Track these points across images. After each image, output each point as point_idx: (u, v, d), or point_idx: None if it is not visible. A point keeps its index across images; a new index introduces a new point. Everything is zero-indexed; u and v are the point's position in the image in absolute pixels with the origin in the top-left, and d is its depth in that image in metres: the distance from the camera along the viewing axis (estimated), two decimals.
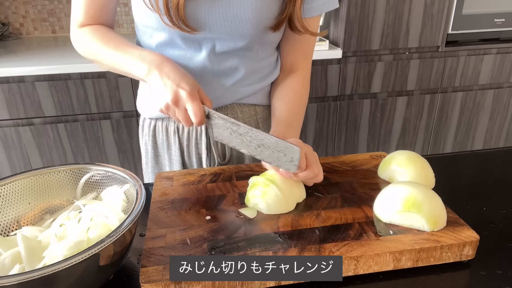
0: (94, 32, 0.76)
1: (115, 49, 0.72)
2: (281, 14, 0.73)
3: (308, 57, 0.86)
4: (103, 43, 0.74)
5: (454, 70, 1.98)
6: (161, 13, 0.68)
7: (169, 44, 0.76)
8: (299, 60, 0.85)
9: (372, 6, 1.77)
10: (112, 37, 0.75)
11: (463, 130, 2.15)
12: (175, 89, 0.64)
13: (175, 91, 0.64)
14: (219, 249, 0.55)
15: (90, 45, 0.75)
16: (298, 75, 0.85)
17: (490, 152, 0.94)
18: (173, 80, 0.65)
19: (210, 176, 0.75)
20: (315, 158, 0.67)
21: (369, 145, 2.08)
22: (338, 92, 1.91)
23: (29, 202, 0.62)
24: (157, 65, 0.67)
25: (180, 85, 0.65)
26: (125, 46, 0.72)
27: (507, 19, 1.92)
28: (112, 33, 0.76)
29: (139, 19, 0.76)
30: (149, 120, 0.88)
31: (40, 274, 0.42)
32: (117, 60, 0.72)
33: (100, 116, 1.74)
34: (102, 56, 0.74)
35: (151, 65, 0.67)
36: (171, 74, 0.66)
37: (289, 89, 0.84)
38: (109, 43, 0.74)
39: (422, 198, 0.58)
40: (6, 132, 1.68)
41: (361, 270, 0.55)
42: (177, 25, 0.69)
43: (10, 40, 2.07)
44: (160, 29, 0.73)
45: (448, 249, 0.55)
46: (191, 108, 0.64)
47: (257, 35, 0.75)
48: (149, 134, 0.89)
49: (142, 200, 0.54)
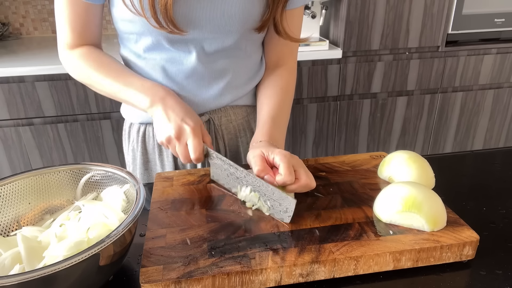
0: (88, 57, 0.73)
1: (114, 78, 0.71)
2: (265, 14, 0.73)
3: (294, 51, 0.86)
4: (100, 70, 0.72)
5: (454, 70, 1.98)
6: (147, 16, 0.66)
7: (156, 48, 0.74)
8: (285, 55, 0.85)
9: (372, 6, 1.77)
10: (107, 63, 0.73)
11: (463, 130, 2.16)
12: (179, 123, 0.65)
13: (179, 126, 0.65)
14: (219, 249, 0.55)
15: (85, 71, 0.73)
16: (284, 70, 0.84)
17: (490, 152, 0.94)
18: (178, 115, 0.66)
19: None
20: (304, 169, 0.64)
21: (369, 145, 2.08)
22: (338, 92, 1.91)
23: (29, 202, 0.62)
24: (161, 98, 0.67)
25: (184, 120, 0.65)
26: (124, 75, 0.72)
27: (507, 19, 1.92)
28: (105, 58, 0.75)
29: (122, 27, 0.74)
30: (138, 125, 0.85)
31: (40, 274, 0.42)
32: (117, 89, 0.71)
33: (100, 116, 1.74)
34: (99, 84, 0.73)
35: (155, 97, 0.67)
36: (176, 108, 0.66)
37: (276, 85, 0.83)
38: (107, 71, 0.72)
39: (422, 198, 0.58)
40: (6, 132, 1.68)
41: (361, 270, 0.55)
42: (164, 27, 0.67)
43: (10, 40, 2.07)
44: (146, 34, 0.72)
45: (448, 249, 0.55)
46: (191, 144, 0.64)
47: (244, 32, 0.75)
48: (137, 140, 0.86)
49: (142, 200, 0.54)
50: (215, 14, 0.70)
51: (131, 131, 0.88)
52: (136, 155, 0.88)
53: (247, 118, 0.88)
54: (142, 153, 0.87)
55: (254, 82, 0.85)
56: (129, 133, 0.88)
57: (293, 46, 0.85)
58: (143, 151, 0.87)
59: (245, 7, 0.71)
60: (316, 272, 0.53)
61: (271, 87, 0.83)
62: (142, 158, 0.87)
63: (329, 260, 0.53)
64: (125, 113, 0.88)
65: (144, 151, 0.87)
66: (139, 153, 0.87)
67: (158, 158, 0.86)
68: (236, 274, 0.51)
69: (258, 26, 0.74)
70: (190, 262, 0.53)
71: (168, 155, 0.85)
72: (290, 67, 0.85)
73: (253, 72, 0.85)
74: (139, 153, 0.87)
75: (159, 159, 0.86)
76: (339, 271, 0.54)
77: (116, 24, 0.75)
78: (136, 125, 0.86)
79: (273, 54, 0.85)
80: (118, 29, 0.77)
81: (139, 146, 0.86)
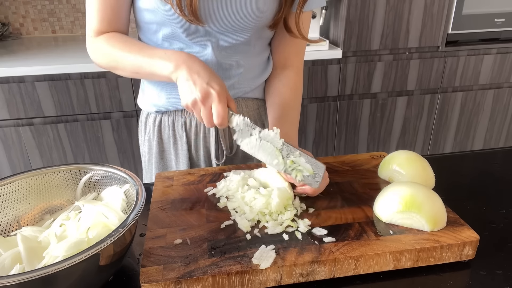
0: (112, 38, 0.76)
1: (137, 51, 0.72)
2: (278, 13, 0.76)
3: (300, 52, 0.88)
4: (123, 47, 0.74)
5: (454, 70, 1.98)
6: (173, 3, 0.69)
7: (174, 39, 0.77)
8: (292, 56, 0.87)
9: (372, 6, 1.77)
10: (132, 41, 0.75)
11: (463, 130, 2.16)
12: (205, 87, 0.64)
13: (206, 89, 0.64)
14: (219, 249, 0.55)
15: (110, 51, 0.75)
16: (291, 71, 0.87)
17: (490, 152, 0.94)
18: (203, 78, 0.65)
19: (210, 176, 0.75)
20: None
21: (369, 145, 2.08)
22: (338, 92, 1.91)
23: (29, 202, 0.62)
24: (185, 61, 0.67)
25: (210, 84, 0.64)
26: (147, 48, 0.73)
27: (507, 19, 1.92)
28: (130, 38, 0.77)
29: (144, 17, 0.76)
30: (154, 114, 0.88)
31: (40, 274, 0.42)
32: (140, 62, 0.72)
33: (100, 116, 1.74)
34: (123, 61, 0.74)
35: (178, 61, 0.67)
36: (202, 72, 0.66)
37: (284, 85, 0.86)
38: (130, 46, 0.73)
39: (422, 198, 0.58)
40: (6, 132, 1.68)
41: (361, 270, 0.55)
42: (186, 15, 0.70)
43: (10, 40, 2.07)
44: (166, 24, 0.74)
45: (448, 249, 0.55)
46: (216, 108, 0.64)
47: (257, 30, 0.78)
48: (153, 130, 0.89)
49: (142, 200, 0.54)
50: (233, 10, 0.74)
51: (147, 121, 0.90)
52: (152, 145, 0.90)
53: (258, 110, 0.91)
54: (158, 143, 0.90)
55: (263, 77, 0.89)
56: (146, 124, 0.91)
57: (300, 47, 0.87)
58: (159, 141, 0.90)
59: (260, 6, 0.75)
60: (316, 272, 0.53)
61: (279, 87, 0.86)
62: (158, 148, 0.90)
63: (329, 260, 0.53)
64: (142, 103, 0.91)
65: (160, 141, 0.90)
66: (155, 143, 0.90)
67: (173, 147, 0.89)
68: (236, 274, 0.51)
69: (271, 24, 0.78)
70: (190, 262, 0.53)
71: (183, 144, 0.88)
72: (297, 68, 0.88)
73: (262, 68, 0.88)
74: (155, 143, 0.90)
75: (174, 148, 0.89)
76: (339, 271, 0.54)
77: (138, 14, 0.78)
78: (152, 115, 0.89)
79: (280, 55, 0.87)
80: (138, 19, 0.79)
81: (155, 135, 0.89)
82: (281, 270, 0.52)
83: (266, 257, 0.53)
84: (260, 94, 0.91)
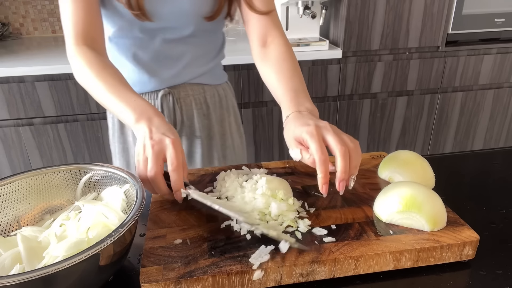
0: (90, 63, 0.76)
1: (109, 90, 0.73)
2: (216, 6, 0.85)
3: (277, 24, 0.86)
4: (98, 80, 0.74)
5: (454, 70, 1.99)
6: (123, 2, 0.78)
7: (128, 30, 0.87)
8: (269, 30, 0.85)
9: (372, 6, 1.77)
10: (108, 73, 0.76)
11: (463, 130, 2.16)
12: (160, 135, 0.65)
13: (160, 137, 0.64)
14: (219, 249, 0.55)
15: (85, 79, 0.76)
16: (276, 44, 0.84)
17: (490, 152, 0.94)
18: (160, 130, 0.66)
19: (210, 176, 0.75)
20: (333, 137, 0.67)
21: (369, 145, 2.08)
22: (338, 92, 1.91)
23: (29, 202, 0.62)
24: (148, 117, 0.68)
25: (166, 134, 0.65)
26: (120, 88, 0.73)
27: (507, 19, 1.92)
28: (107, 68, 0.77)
29: None
30: None
31: (40, 274, 0.42)
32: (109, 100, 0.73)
33: (100, 116, 1.74)
34: (95, 93, 0.76)
35: (142, 115, 0.68)
36: (161, 126, 0.67)
37: (276, 60, 0.82)
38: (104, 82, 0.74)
39: (422, 198, 0.58)
40: (6, 132, 1.68)
41: (361, 270, 0.55)
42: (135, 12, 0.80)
43: (10, 40, 2.07)
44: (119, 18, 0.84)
45: (448, 249, 0.55)
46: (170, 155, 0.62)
47: (199, 25, 0.88)
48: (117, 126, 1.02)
49: (142, 200, 0.54)
50: (173, 9, 0.84)
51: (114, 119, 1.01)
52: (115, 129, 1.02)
53: (203, 95, 0.99)
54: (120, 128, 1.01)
55: (211, 64, 0.98)
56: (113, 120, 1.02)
57: (274, 19, 0.86)
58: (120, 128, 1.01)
59: (196, 5, 0.85)
60: (316, 272, 0.53)
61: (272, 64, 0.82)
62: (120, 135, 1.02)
63: (329, 260, 0.53)
64: None
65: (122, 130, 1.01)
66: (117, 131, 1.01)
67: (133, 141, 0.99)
68: (236, 274, 0.51)
69: (209, 16, 0.87)
70: (190, 262, 0.53)
71: None
72: (281, 40, 0.85)
73: (211, 56, 0.98)
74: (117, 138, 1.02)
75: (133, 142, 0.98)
76: (339, 271, 0.54)
77: None
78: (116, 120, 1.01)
79: (256, 32, 0.85)
80: None
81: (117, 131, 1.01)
82: (281, 270, 0.52)
83: (264, 258, 0.53)
84: (207, 80, 0.99)
